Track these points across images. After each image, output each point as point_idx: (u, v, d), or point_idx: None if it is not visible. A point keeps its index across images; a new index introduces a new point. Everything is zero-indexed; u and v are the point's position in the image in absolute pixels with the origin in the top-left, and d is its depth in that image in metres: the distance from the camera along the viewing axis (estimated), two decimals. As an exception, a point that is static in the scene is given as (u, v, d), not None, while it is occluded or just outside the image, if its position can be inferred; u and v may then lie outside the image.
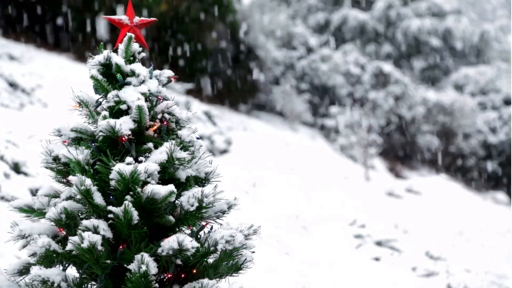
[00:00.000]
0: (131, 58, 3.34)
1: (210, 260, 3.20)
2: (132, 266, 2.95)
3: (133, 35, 3.32)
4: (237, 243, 3.15)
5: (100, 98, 3.29)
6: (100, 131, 3.12)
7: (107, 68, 3.29)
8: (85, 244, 2.92)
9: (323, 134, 30.73)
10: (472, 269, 11.84)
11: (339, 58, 34.19)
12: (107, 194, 3.11)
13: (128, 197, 3.02)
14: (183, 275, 3.14)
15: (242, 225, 3.30)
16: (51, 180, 3.33)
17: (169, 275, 3.09)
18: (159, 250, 3.00)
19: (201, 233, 3.25)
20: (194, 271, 3.15)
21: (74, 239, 2.94)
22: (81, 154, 3.12)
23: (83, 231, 2.97)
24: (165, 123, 3.25)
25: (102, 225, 3.01)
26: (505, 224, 19.18)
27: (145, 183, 3.05)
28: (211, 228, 3.28)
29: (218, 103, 25.10)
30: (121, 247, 3.04)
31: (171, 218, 3.12)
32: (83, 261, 3.05)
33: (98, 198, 3.07)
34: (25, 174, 8.02)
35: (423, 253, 12.20)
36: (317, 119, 31.82)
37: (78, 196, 3.07)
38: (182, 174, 3.24)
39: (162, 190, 3.01)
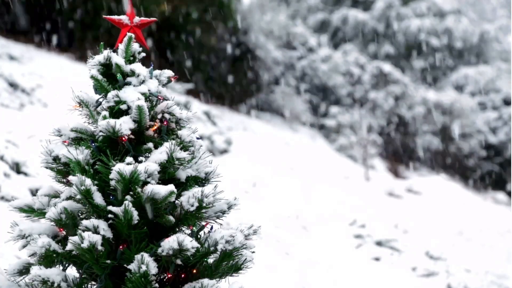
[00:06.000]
0: (131, 58, 3.34)
1: (210, 260, 3.20)
2: (132, 266, 2.95)
3: (133, 35, 3.32)
4: (237, 243, 3.15)
5: (100, 98, 3.29)
6: (100, 131, 3.12)
7: (107, 68, 3.29)
8: (85, 244, 2.92)
9: (323, 134, 30.73)
10: (472, 269, 11.84)
11: (339, 58, 34.19)
12: (107, 194, 3.11)
13: (128, 197, 3.02)
14: (183, 275, 3.15)
15: (242, 225, 3.30)
16: (51, 180, 3.33)
17: (169, 275, 3.09)
18: (159, 250, 3.00)
19: (201, 233, 3.25)
20: (194, 271, 3.15)
21: (74, 239, 2.94)
22: (81, 154, 3.13)
23: (83, 231, 2.97)
24: (165, 123, 3.25)
25: (102, 225, 3.01)
26: (505, 224, 19.18)
27: (145, 183, 3.05)
28: (211, 228, 3.28)
29: (218, 103, 25.09)
30: (121, 247, 3.04)
31: (171, 218, 3.12)
32: (83, 261, 3.05)
33: (98, 198, 3.07)
34: (25, 174, 8.01)
35: (423, 253, 12.20)
36: (317, 119, 31.82)
37: (78, 196, 3.07)
38: (182, 174, 3.24)
39: (162, 190, 3.01)
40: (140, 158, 3.16)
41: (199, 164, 3.31)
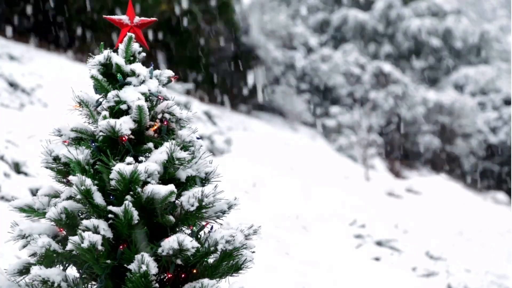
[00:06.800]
0: (131, 58, 3.34)
1: (210, 260, 3.20)
2: (132, 266, 2.95)
3: (133, 35, 3.32)
4: (237, 243, 3.15)
5: (100, 98, 3.29)
6: (100, 131, 3.12)
7: (107, 68, 3.29)
8: (85, 244, 2.92)
9: (323, 134, 30.74)
10: (472, 269, 11.84)
11: (339, 58, 34.20)
12: (107, 194, 3.11)
13: (128, 197, 3.01)
14: (183, 275, 3.14)
15: (242, 225, 3.29)
16: (51, 180, 3.33)
17: (169, 275, 3.09)
18: (159, 250, 3.00)
19: (201, 233, 3.25)
20: (194, 271, 3.15)
21: (74, 239, 2.94)
22: (81, 154, 3.12)
23: (83, 231, 2.97)
24: (165, 123, 3.25)
25: (102, 225, 3.01)
26: (505, 224, 19.18)
27: (145, 183, 3.05)
28: (211, 228, 3.28)
29: (218, 103, 25.10)
30: (121, 247, 3.04)
31: (171, 218, 3.12)
32: (83, 261, 3.05)
33: (98, 198, 3.06)
34: (25, 174, 8.01)
35: (423, 253, 12.20)
36: (317, 119, 31.83)
37: (78, 196, 3.07)
38: (182, 174, 3.24)
39: (162, 190, 3.01)
40: (140, 158, 3.16)
41: (199, 164, 3.31)
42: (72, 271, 3.16)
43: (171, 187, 3.02)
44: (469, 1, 48.69)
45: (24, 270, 3.19)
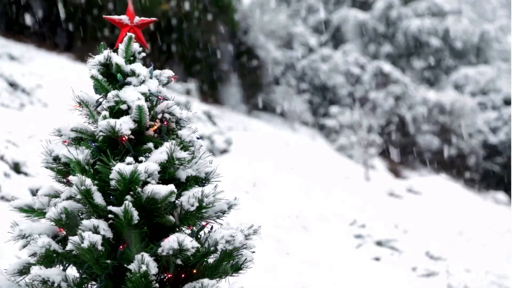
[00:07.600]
0: (131, 58, 3.34)
1: (210, 260, 3.20)
2: (132, 266, 2.95)
3: (133, 35, 3.32)
4: (237, 243, 3.15)
5: (100, 98, 3.29)
6: (100, 131, 3.12)
7: (107, 68, 3.29)
8: (85, 244, 2.91)
9: (323, 134, 30.74)
10: (472, 269, 11.84)
11: (339, 58, 34.20)
12: (107, 194, 3.11)
13: (128, 197, 3.01)
14: (183, 275, 3.14)
15: (242, 225, 3.29)
16: (51, 180, 3.33)
17: (169, 275, 3.09)
18: (159, 250, 3.00)
19: (201, 233, 3.25)
20: (194, 271, 3.15)
21: (74, 239, 2.94)
22: (81, 154, 3.12)
23: (83, 231, 2.97)
24: (165, 123, 3.25)
25: (102, 225, 3.01)
26: (505, 224, 19.18)
27: (145, 183, 3.05)
28: (211, 228, 3.28)
29: (218, 103, 25.09)
30: (121, 247, 3.04)
31: (171, 218, 3.12)
32: (83, 261, 3.05)
33: (98, 198, 3.06)
34: (25, 174, 8.01)
35: (423, 253, 12.20)
36: (317, 119, 31.82)
37: (78, 196, 3.07)
38: (182, 174, 3.24)
39: (162, 190, 3.01)
40: (140, 158, 3.16)
41: (199, 164, 3.31)
42: (72, 271, 3.16)
43: (171, 187, 3.02)
44: (469, 1, 48.69)
45: (24, 270, 3.19)
